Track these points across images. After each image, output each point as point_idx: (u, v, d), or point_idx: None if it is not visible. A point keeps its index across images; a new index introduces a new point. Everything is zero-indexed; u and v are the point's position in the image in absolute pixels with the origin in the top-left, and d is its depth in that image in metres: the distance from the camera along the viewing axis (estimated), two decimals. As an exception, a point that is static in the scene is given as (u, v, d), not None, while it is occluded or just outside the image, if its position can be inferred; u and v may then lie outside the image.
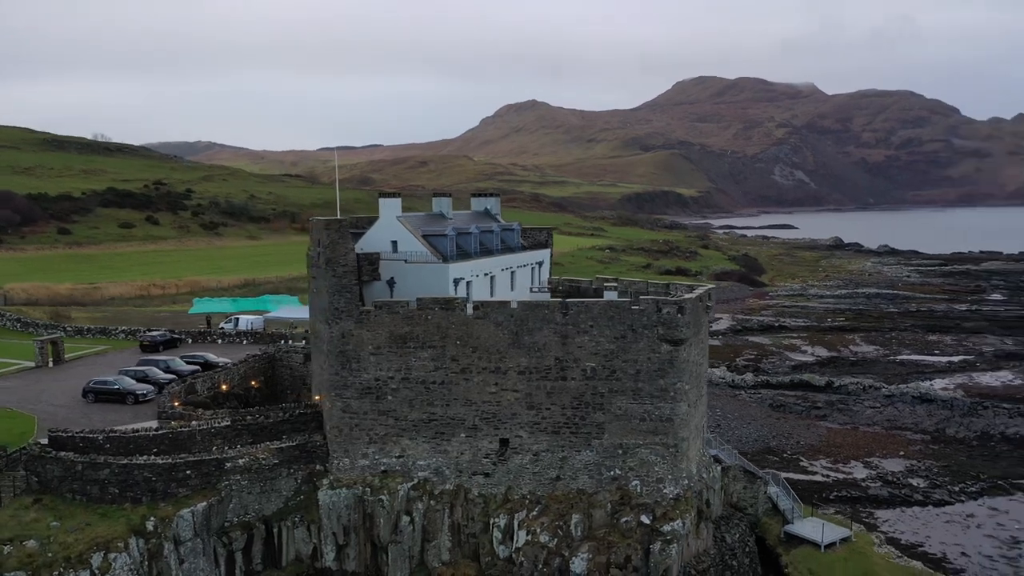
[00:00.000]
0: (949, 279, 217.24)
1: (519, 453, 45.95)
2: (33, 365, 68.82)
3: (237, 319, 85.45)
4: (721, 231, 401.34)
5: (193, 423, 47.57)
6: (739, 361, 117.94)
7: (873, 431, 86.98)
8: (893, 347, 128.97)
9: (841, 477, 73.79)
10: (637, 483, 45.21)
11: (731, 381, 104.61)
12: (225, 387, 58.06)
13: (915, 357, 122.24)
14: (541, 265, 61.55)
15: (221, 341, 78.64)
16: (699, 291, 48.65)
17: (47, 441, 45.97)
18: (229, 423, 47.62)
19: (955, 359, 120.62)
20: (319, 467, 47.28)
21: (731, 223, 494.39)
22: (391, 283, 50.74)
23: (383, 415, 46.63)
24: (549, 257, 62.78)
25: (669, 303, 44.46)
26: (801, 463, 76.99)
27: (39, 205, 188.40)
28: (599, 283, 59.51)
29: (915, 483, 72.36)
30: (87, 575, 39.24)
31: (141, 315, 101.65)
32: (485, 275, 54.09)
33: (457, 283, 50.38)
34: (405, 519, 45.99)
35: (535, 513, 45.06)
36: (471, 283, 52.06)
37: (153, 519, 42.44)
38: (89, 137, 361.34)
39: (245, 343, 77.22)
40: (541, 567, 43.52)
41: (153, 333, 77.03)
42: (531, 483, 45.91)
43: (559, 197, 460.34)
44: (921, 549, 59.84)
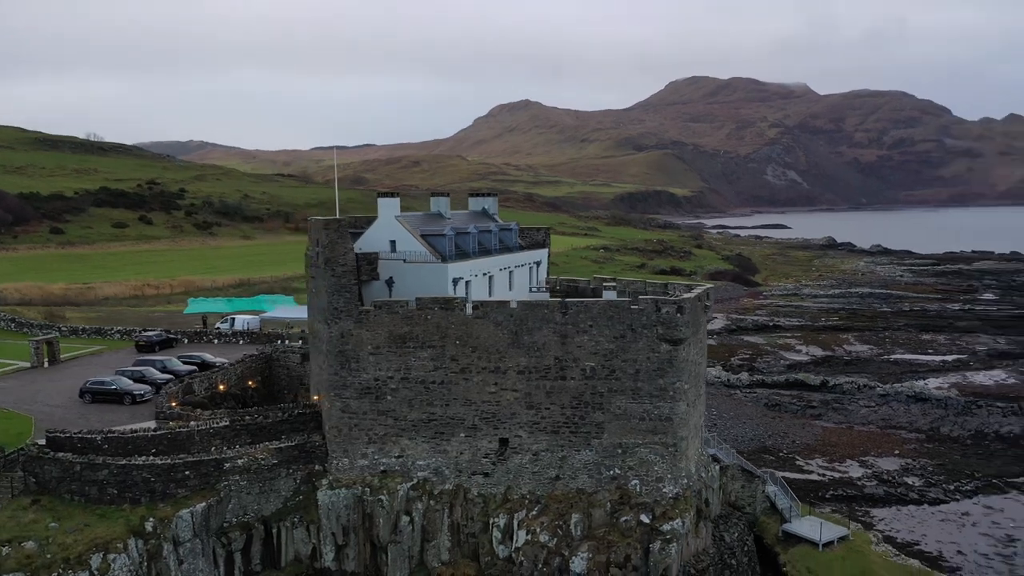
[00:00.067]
0: (942, 279, 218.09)
1: (519, 453, 45.96)
2: (29, 365, 68.48)
3: (233, 319, 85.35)
4: (714, 231, 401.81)
5: (192, 423, 47.44)
6: (734, 360, 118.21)
7: (868, 430, 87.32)
8: (887, 346, 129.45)
9: (837, 476, 74.05)
10: (636, 482, 45.27)
11: (726, 380, 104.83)
12: (223, 387, 57.90)
13: (909, 356, 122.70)
14: (539, 265, 61.59)
15: (217, 341, 78.48)
16: (698, 291, 48.76)
17: (45, 442, 45.76)
18: (228, 423, 47.50)
19: (949, 358, 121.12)
20: (318, 467, 47.19)
21: (724, 223, 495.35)
22: (390, 283, 50.73)
23: (382, 415, 46.58)
24: (547, 257, 62.82)
25: (668, 303, 44.51)
26: (797, 462, 77.23)
27: (31, 205, 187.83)
28: (597, 283, 59.54)
29: (911, 482, 72.68)
30: (86, 576, 39.07)
31: (136, 315, 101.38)
32: (484, 275, 54.14)
33: (456, 283, 50.40)
34: (404, 519, 45.93)
35: (535, 513, 45.06)
36: (470, 283, 52.09)
37: (152, 520, 42.32)
38: (82, 136, 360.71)
39: (241, 343, 77.08)
40: (541, 567, 43.53)
41: (149, 333, 76.79)
42: (531, 483, 45.91)
43: (553, 197, 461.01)
44: (917, 547, 60.14)
